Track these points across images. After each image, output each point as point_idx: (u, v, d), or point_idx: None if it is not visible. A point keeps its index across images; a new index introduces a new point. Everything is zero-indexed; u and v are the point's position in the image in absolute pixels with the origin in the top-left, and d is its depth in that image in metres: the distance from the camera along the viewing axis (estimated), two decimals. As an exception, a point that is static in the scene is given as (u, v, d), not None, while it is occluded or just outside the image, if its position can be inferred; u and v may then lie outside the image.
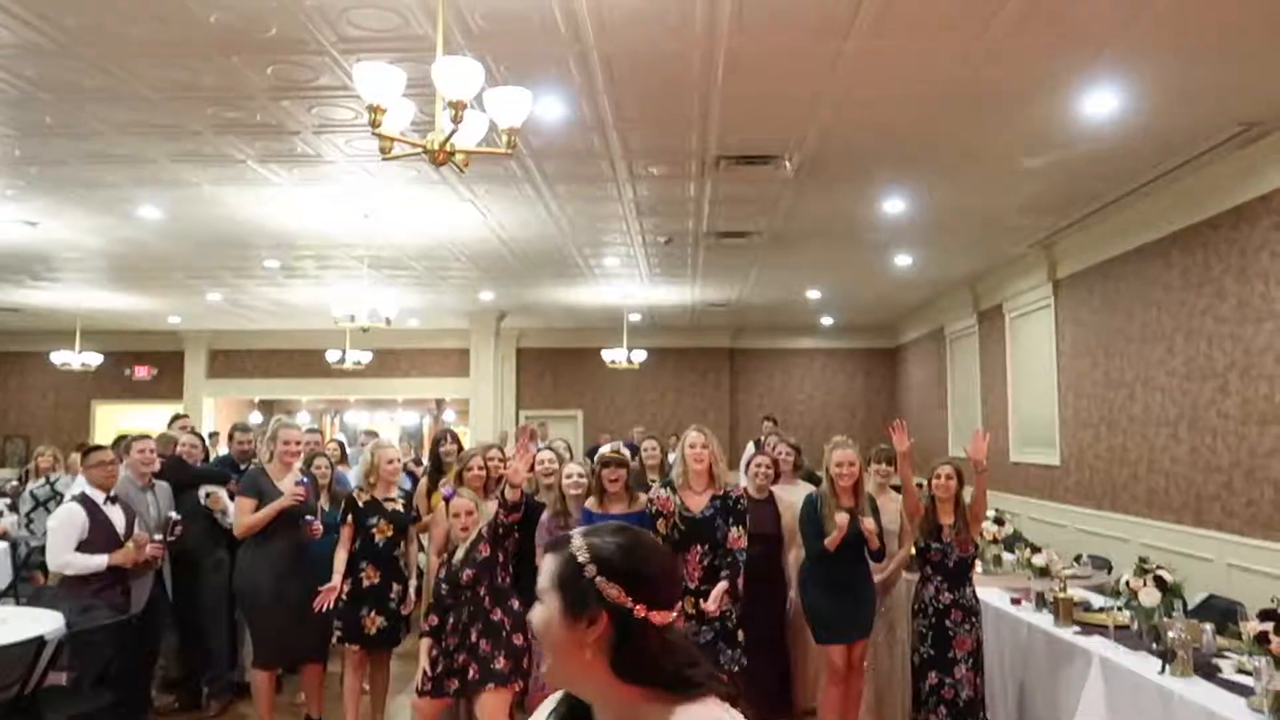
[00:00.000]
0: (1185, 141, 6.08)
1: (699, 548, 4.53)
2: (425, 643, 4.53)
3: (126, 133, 6.06)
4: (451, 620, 4.45)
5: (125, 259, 10.06)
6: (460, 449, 6.37)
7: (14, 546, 7.44)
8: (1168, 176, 6.72)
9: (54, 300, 12.69)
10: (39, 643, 4.33)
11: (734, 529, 4.59)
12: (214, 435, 11.46)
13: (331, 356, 11.60)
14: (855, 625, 4.98)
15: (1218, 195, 6.53)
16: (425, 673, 4.44)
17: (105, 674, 4.78)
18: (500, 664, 4.34)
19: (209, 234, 8.89)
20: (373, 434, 7.10)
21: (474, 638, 4.38)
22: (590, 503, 4.91)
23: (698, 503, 4.62)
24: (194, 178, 7.05)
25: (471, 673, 4.34)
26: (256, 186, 7.26)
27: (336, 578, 4.98)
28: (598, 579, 1.38)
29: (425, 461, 7.07)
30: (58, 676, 4.68)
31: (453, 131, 3.50)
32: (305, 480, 5.30)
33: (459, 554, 4.51)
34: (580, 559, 1.40)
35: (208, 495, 6.00)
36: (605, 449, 5.12)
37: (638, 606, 1.36)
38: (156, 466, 5.68)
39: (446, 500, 4.75)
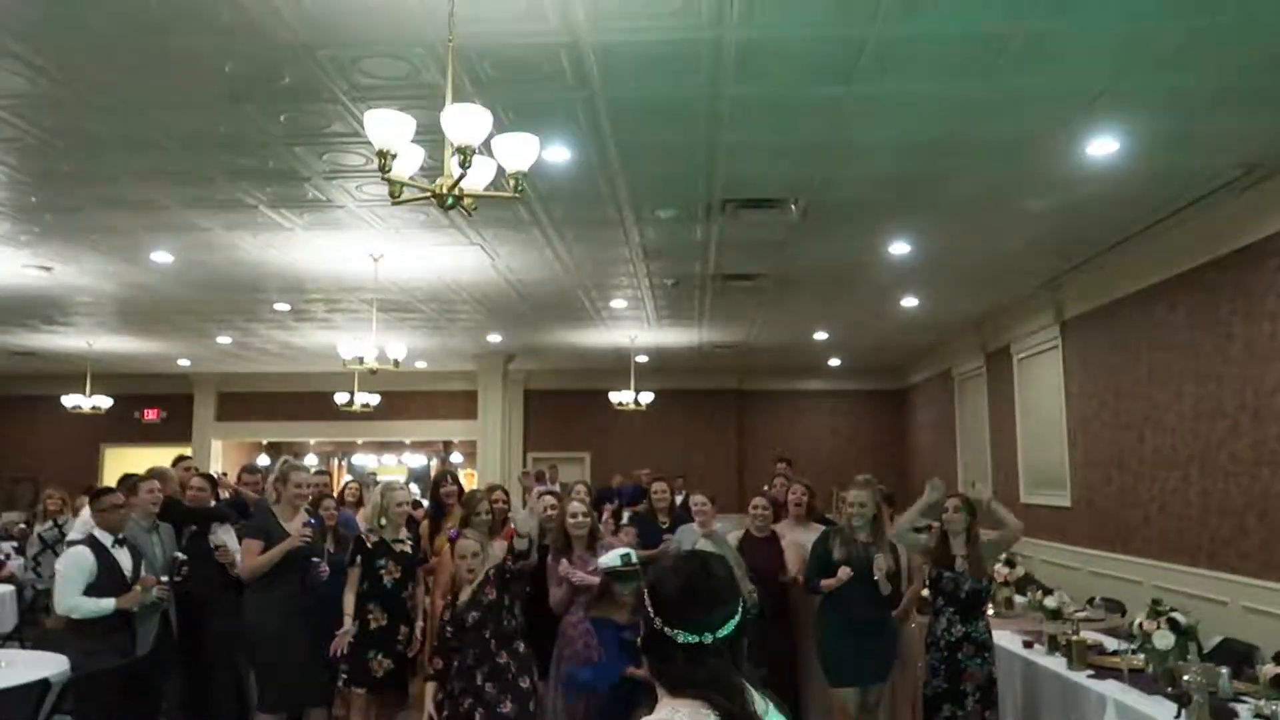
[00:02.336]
0: (1188, 184, 6.12)
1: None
2: (430, 687, 4.50)
3: (140, 179, 6.15)
4: (457, 664, 4.42)
5: (137, 303, 10.15)
6: (461, 491, 6.37)
7: (20, 590, 7.43)
8: (1172, 218, 6.75)
9: (66, 344, 12.79)
10: (43, 686, 4.31)
11: None
12: (224, 474, 11.45)
13: (339, 399, 11.63)
14: (870, 669, 4.92)
15: (1222, 237, 6.55)
16: (431, 717, 4.40)
17: (110, 718, 4.74)
18: (507, 708, 4.30)
19: (220, 278, 8.98)
20: (374, 473, 7.10)
21: (479, 680, 4.34)
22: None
23: None
24: (206, 223, 7.14)
25: (479, 718, 4.30)
26: (268, 231, 7.35)
27: (347, 620, 4.96)
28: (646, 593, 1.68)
29: (426, 504, 7.06)
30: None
31: (461, 176, 3.55)
32: (313, 522, 5.30)
33: (464, 596, 4.49)
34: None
35: (215, 548, 5.97)
36: (605, 559, 4.97)
37: (656, 618, 1.62)
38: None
39: (452, 541, 4.74)
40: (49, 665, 4.61)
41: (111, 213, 6.88)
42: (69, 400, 13.67)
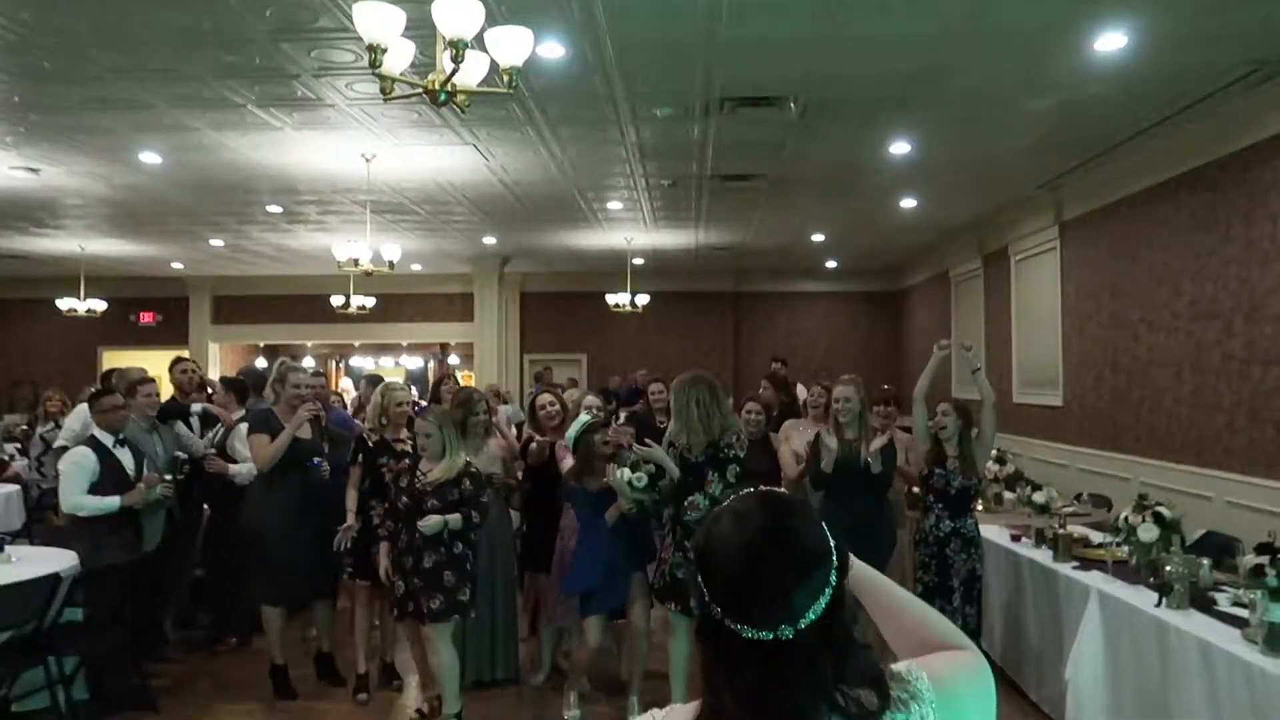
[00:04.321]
0: (1195, 82, 6.00)
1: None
2: (384, 546, 4.76)
3: (125, 77, 6.00)
4: (405, 539, 4.64)
5: (127, 205, 10.03)
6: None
7: (25, 489, 7.55)
8: (1177, 117, 6.64)
9: (57, 247, 12.70)
10: (54, 580, 4.43)
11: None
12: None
13: (335, 301, 11.61)
14: (866, 561, 5.05)
15: (1227, 136, 6.47)
16: (387, 572, 4.72)
17: (119, 611, 4.89)
18: (436, 603, 4.56)
19: (210, 179, 8.85)
20: (375, 379, 7.15)
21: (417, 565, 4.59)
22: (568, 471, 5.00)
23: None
24: (194, 122, 7.00)
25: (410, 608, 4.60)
26: (257, 131, 7.21)
27: (351, 516, 5.08)
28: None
29: (426, 404, 7.14)
30: (74, 613, 4.79)
31: (453, 71, 3.48)
32: (318, 409, 5.37)
33: (434, 475, 4.59)
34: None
35: (204, 457, 6.06)
36: (584, 416, 5.10)
37: (713, 605, 1.11)
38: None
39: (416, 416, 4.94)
40: (59, 560, 4.73)
41: (97, 112, 6.74)
42: (63, 304, 13.65)
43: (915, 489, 5.52)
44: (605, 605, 4.84)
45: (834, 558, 1.12)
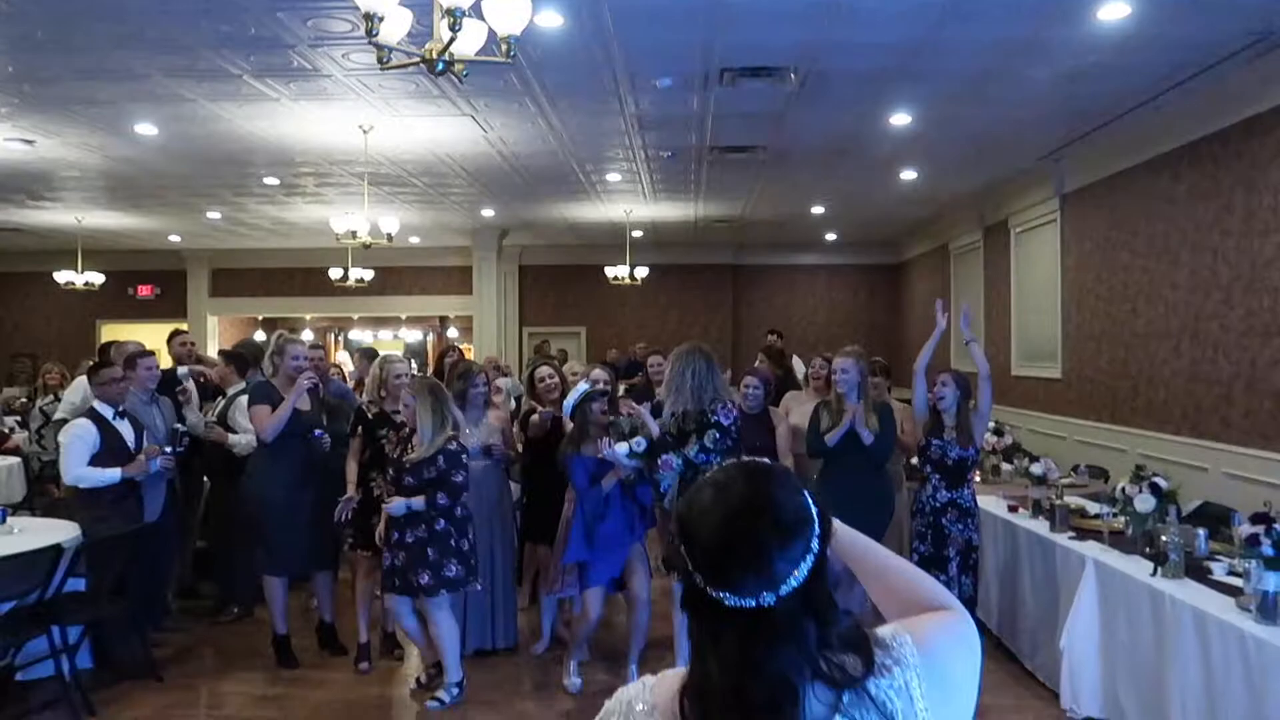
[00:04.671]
0: (1197, 52, 5.95)
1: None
2: (385, 513, 4.71)
3: (119, 47, 5.94)
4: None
5: (123, 177, 9.98)
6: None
7: (26, 461, 7.57)
8: (1179, 88, 6.60)
9: (54, 220, 12.64)
10: (56, 551, 4.45)
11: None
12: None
13: (334, 274, 11.58)
14: (863, 533, 5.07)
15: (1229, 107, 6.43)
16: (380, 536, 4.75)
17: (122, 581, 4.93)
18: (425, 578, 4.59)
19: (207, 151, 8.80)
20: (370, 353, 7.15)
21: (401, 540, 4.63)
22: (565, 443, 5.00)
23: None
24: (189, 93, 6.95)
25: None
26: (253, 102, 7.16)
27: (351, 487, 5.10)
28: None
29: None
30: (76, 583, 4.83)
31: (451, 40, 3.45)
32: (314, 380, 5.36)
33: (414, 453, 4.60)
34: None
35: (208, 425, 6.08)
36: (583, 385, 5.10)
37: (695, 574, 1.11)
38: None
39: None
40: (61, 532, 4.76)
41: (91, 83, 6.69)
42: (61, 276, 13.61)
43: (914, 460, 5.54)
44: (604, 577, 4.87)
45: (815, 524, 1.12)
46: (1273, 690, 3.11)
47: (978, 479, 5.87)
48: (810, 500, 1.14)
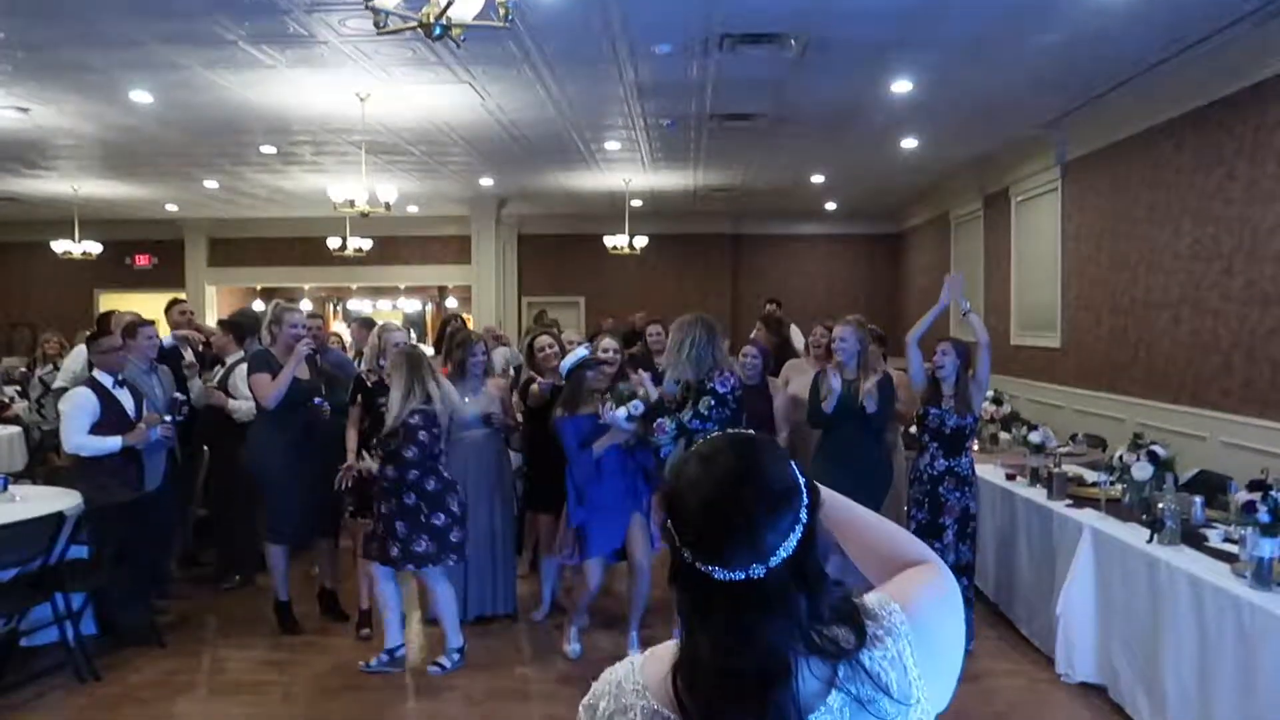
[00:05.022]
0: (1202, 17, 5.89)
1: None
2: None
3: (112, 11, 5.88)
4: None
5: (119, 145, 9.91)
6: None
7: (26, 430, 7.59)
8: (1183, 55, 6.54)
9: (50, 189, 12.58)
10: (58, 518, 4.47)
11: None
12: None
13: (332, 243, 11.55)
14: (860, 502, 5.08)
15: (1234, 74, 6.37)
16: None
17: (124, 548, 4.95)
18: (395, 550, 4.61)
19: (203, 119, 8.74)
20: (368, 322, 7.14)
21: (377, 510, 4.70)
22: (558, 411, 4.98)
23: None
24: (184, 60, 6.88)
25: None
26: (249, 69, 7.10)
27: (351, 455, 5.11)
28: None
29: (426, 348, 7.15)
30: (79, 551, 4.85)
31: (448, 4, 3.42)
32: (312, 348, 5.35)
33: (390, 423, 4.59)
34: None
35: (206, 385, 6.09)
36: (581, 350, 5.11)
37: (684, 549, 1.10)
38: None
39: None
40: (62, 499, 4.77)
41: (85, 49, 6.62)
42: (58, 246, 13.57)
43: (911, 429, 5.55)
44: (605, 547, 4.90)
45: (803, 495, 1.10)
46: (1265, 655, 3.15)
47: (976, 448, 5.87)
48: (797, 470, 1.13)
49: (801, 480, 1.12)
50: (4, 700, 4.31)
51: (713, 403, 4.65)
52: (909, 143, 9.95)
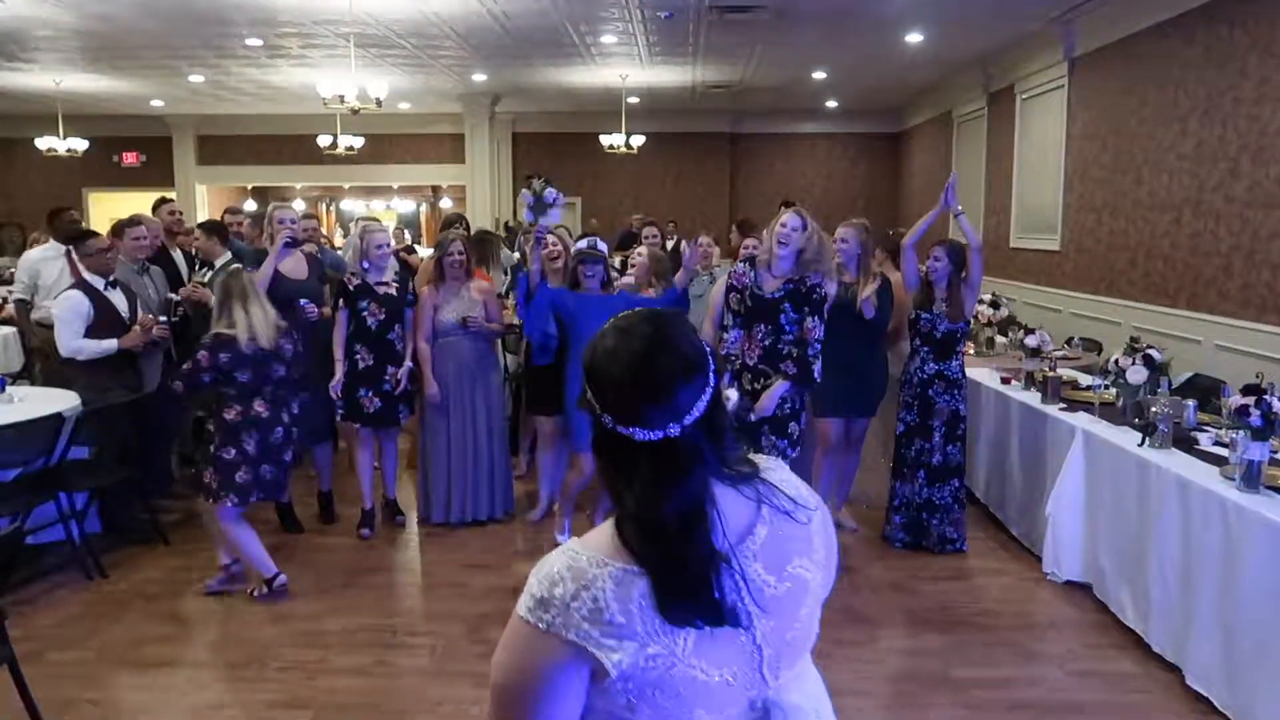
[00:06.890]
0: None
1: (762, 327, 4.37)
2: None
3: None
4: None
5: (99, 36, 9.62)
6: (469, 232, 6.37)
7: (21, 332, 7.54)
8: (1201, -58, 6.31)
9: (30, 83, 12.27)
10: (57, 419, 4.49)
11: (808, 319, 4.28)
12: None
13: (323, 141, 11.33)
14: (855, 404, 5.11)
15: (1251, -37, 6.16)
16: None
17: (124, 449, 4.99)
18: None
19: (183, 7, 8.45)
20: (373, 219, 7.04)
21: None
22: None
23: (772, 285, 4.37)
24: (163, -55, 6.63)
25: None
26: (231, -45, 6.84)
27: (338, 364, 5.10)
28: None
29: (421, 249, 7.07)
30: (80, 452, 4.89)
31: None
32: (291, 241, 5.22)
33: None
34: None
35: (192, 281, 6.03)
36: (582, 244, 5.10)
37: (605, 415, 1.19)
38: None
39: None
40: (61, 400, 4.79)
41: (59, -66, 6.37)
42: (43, 143, 13.30)
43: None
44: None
45: (710, 360, 1.22)
46: (1248, 555, 3.21)
47: (971, 351, 5.88)
48: (702, 340, 1.25)
49: (707, 346, 1.24)
50: (16, 596, 4.40)
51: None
52: (914, 37, 9.67)
